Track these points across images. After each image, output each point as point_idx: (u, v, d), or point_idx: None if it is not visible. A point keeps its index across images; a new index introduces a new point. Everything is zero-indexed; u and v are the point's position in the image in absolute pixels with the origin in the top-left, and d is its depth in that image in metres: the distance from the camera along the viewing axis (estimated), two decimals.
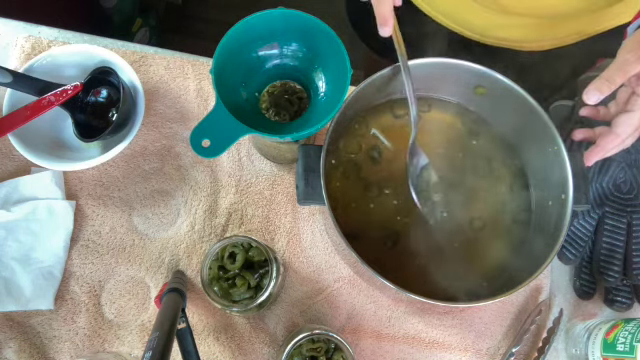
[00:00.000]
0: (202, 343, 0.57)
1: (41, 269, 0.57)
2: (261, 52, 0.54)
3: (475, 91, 0.57)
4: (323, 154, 0.49)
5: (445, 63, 0.53)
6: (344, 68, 0.49)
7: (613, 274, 0.59)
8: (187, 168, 0.62)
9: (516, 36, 0.68)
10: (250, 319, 0.59)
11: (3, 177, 0.59)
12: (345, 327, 0.60)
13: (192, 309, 0.58)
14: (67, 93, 0.56)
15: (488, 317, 0.61)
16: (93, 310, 0.58)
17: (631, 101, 0.50)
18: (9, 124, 0.54)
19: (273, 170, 0.63)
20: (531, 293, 0.62)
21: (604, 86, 0.47)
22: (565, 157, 0.51)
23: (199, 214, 0.61)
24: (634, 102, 0.50)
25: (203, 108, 0.64)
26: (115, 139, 0.57)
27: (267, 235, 0.61)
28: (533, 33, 0.67)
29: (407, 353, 0.60)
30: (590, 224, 0.61)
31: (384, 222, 0.55)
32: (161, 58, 0.65)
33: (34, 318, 0.57)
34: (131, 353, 0.57)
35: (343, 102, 0.49)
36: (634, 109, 0.50)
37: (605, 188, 0.61)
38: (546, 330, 0.61)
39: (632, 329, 0.53)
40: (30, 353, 0.56)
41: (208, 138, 0.46)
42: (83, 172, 0.61)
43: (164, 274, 0.59)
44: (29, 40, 0.63)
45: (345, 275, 0.61)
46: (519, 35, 0.68)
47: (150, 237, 0.60)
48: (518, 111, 0.54)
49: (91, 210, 0.60)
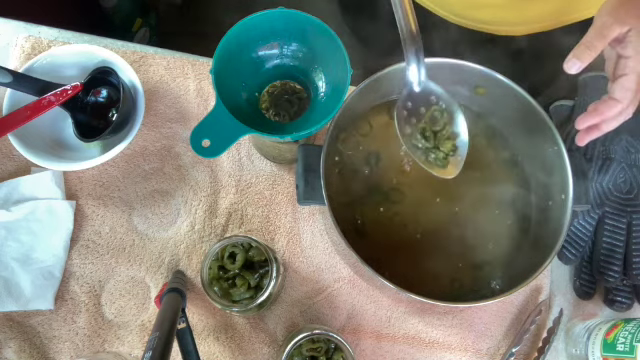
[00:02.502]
0: (202, 343, 0.57)
1: (41, 269, 0.57)
2: (261, 52, 0.54)
3: (475, 91, 0.57)
4: (323, 154, 0.49)
5: (445, 63, 0.53)
6: (344, 68, 0.49)
7: (613, 274, 0.59)
8: (187, 168, 0.62)
9: (491, 18, 0.66)
10: (250, 319, 0.59)
11: (3, 177, 0.59)
12: (345, 327, 0.60)
13: (192, 309, 0.58)
14: (67, 93, 0.56)
15: (488, 317, 0.61)
16: (93, 310, 0.58)
17: (620, 66, 0.47)
18: (9, 124, 0.54)
19: (273, 170, 0.63)
20: (531, 293, 0.62)
21: (584, 53, 0.44)
22: (565, 157, 0.51)
23: (199, 214, 0.61)
24: (624, 65, 0.46)
25: (203, 108, 0.64)
26: (115, 139, 0.57)
27: (267, 235, 0.61)
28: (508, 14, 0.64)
29: (407, 353, 0.60)
30: (590, 224, 0.61)
31: (385, 221, 0.55)
32: (161, 58, 0.65)
33: (34, 318, 0.57)
34: (131, 353, 0.57)
35: (343, 102, 0.49)
36: (626, 72, 0.46)
37: (605, 188, 0.61)
38: (546, 330, 0.61)
39: (632, 329, 0.53)
40: (30, 353, 0.56)
41: (208, 138, 0.46)
42: (83, 172, 0.61)
43: (164, 274, 0.59)
44: (29, 40, 0.63)
45: (345, 275, 0.61)
46: (494, 17, 0.66)
47: (150, 237, 0.60)
48: (518, 111, 0.54)
49: (91, 210, 0.60)
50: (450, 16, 0.68)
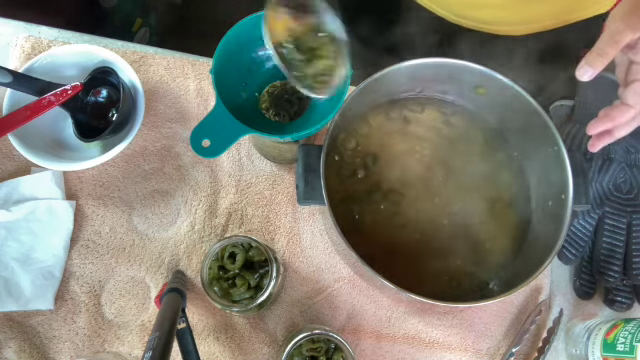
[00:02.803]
0: (202, 343, 0.57)
1: (41, 269, 0.57)
2: (261, 52, 0.54)
3: (475, 91, 0.57)
4: (323, 154, 0.49)
5: (445, 63, 0.53)
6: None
7: (613, 274, 0.59)
8: (187, 168, 0.62)
9: (491, 18, 0.66)
10: (250, 319, 0.59)
11: (3, 177, 0.59)
12: (345, 327, 0.60)
13: (192, 309, 0.58)
14: (67, 93, 0.56)
15: (488, 317, 0.61)
16: (93, 310, 0.58)
17: (632, 71, 0.46)
18: (9, 124, 0.54)
19: (273, 170, 0.63)
20: (531, 293, 0.62)
21: (596, 60, 0.44)
22: (565, 157, 0.51)
23: (199, 214, 0.61)
24: (636, 71, 0.46)
25: (203, 108, 0.64)
26: (115, 139, 0.57)
27: (267, 235, 0.61)
28: (507, 14, 0.64)
29: (407, 353, 0.60)
30: (590, 224, 0.61)
31: (385, 221, 0.55)
32: (161, 58, 0.65)
33: (34, 318, 0.57)
34: (131, 353, 0.57)
35: (343, 102, 0.49)
36: (639, 77, 0.46)
37: (605, 188, 0.61)
38: (546, 330, 0.61)
39: (632, 329, 0.53)
40: (30, 353, 0.56)
41: (208, 138, 0.46)
42: (83, 172, 0.61)
43: (164, 274, 0.59)
44: (29, 40, 0.63)
45: (345, 275, 0.61)
46: (494, 17, 0.65)
47: (150, 237, 0.60)
48: (518, 111, 0.54)
49: (91, 210, 0.60)
50: (450, 16, 0.68)
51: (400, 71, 0.52)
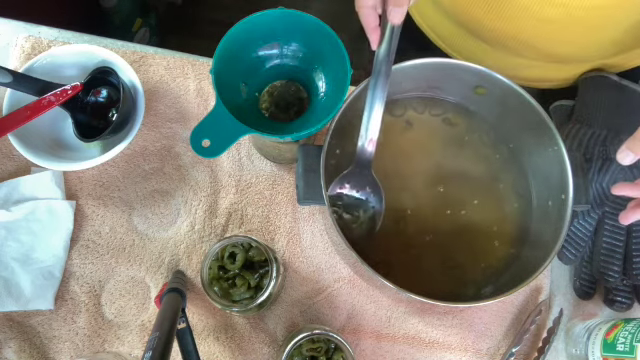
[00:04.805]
0: (202, 343, 0.57)
1: (41, 269, 0.57)
2: (261, 52, 0.54)
3: (475, 91, 0.57)
4: (323, 154, 0.49)
5: (445, 63, 0.53)
6: (344, 68, 0.49)
7: (613, 274, 0.59)
8: (187, 168, 0.62)
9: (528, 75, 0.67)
10: (250, 319, 0.59)
11: (3, 177, 0.59)
12: (345, 327, 0.60)
13: (192, 309, 0.58)
14: (67, 93, 0.56)
15: (488, 317, 0.61)
16: (93, 310, 0.58)
17: None
18: (9, 124, 0.54)
19: (273, 170, 0.63)
20: (531, 293, 0.62)
21: (637, 147, 0.44)
22: (565, 157, 0.51)
23: (199, 214, 0.61)
24: None
25: (203, 108, 0.64)
26: (115, 139, 0.57)
27: (267, 235, 0.61)
28: (547, 73, 0.65)
29: (407, 353, 0.60)
30: (590, 224, 0.61)
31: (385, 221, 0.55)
32: (161, 58, 0.65)
33: (34, 318, 0.57)
34: (131, 353, 0.57)
35: (343, 102, 0.49)
36: None
37: (605, 188, 0.61)
38: (546, 330, 0.61)
39: (632, 329, 0.53)
40: (30, 353, 0.56)
41: (208, 138, 0.46)
42: (83, 172, 0.61)
43: (164, 274, 0.59)
44: (29, 40, 0.63)
45: (345, 275, 0.61)
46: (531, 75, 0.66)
47: (150, 237, 0.60)
48: (518, 111, 0.54)
49: (91, 210, 0.60)
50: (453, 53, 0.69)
51: (400, 71, 0.52)
